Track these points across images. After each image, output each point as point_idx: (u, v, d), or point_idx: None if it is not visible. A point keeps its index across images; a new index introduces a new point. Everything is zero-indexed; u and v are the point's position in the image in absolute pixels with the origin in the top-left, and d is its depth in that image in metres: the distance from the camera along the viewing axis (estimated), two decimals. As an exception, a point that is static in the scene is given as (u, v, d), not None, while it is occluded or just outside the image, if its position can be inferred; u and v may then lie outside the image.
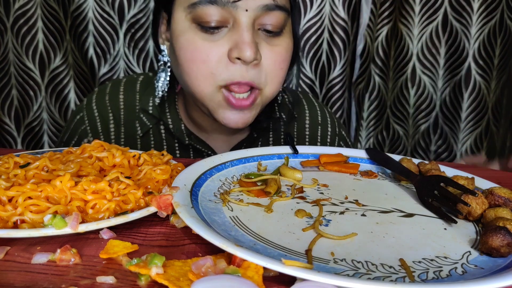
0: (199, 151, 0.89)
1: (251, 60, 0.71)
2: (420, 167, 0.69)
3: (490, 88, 1.41)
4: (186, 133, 0.88)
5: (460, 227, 0.53)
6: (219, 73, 0.73)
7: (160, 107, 0.88)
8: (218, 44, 0.73)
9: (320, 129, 0.98)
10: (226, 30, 0.73)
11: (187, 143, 0.88)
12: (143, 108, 0.88)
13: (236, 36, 0.72)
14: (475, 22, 1.37)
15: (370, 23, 1.39)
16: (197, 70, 0.74)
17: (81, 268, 0.41)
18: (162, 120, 0.88)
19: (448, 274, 0.42)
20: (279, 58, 0.76)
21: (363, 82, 1.45)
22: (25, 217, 0.46)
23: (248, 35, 0.71)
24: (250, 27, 0.72)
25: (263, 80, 0.76)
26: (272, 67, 0.76)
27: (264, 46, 0.75)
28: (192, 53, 0.73)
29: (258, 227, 0.49)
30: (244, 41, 0.71)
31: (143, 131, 0.88)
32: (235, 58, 0.72)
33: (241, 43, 0.71)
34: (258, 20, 0.73)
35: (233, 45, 0.72)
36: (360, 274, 0.41)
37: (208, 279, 0.37)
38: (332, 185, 0.63)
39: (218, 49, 0.73)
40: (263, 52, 0.75)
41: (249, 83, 0.73)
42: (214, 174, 0.61)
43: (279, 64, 0.77)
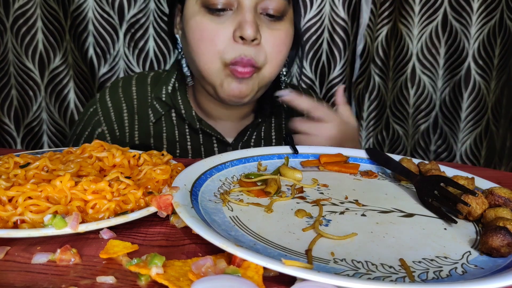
0: (208, 135, 0.95)
1: (252, 38, 0.78)
2: (420, 167, 0.69)
3: (489, 88, 1.41)
4: (196, 118, 0.94)
5: (460, 227, 0.53)
6: (224, 52, 0.80)
7: (172, 95, 0.95)
8: (224, 26, 0.80)
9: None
10: (231, 13, 0.81)
11: (198, 127, 0.94)
12: (157, 96, 0.95)
13: (240, 17, 0.80)
14: (475, 22, 1.37)
15: (370, 23, 1.39)
16: (204, 48, 0.81)
17: (81, 268, 0.41)
18: (175, 106, 0.94)
19: (448, 274, 0.42)
20: (278, 40, 0.84)
21: (363, 82, 1.45)
22: (25, 217, 0.46)
23: (250, 16, 0.79)
24: (252, 9, 0.80)
25: (262, 59, 0.83)
26: (272, 48, 0.83)
27: (265, 29, 0.82)
28: (201, 33, 0.81)
29: (258, 227, 0.49)
30: (246, 20, 0.79)
31: (155, 118, 0.95)
32: (238, 37, 0.79)
33: (243, 23, 0.79)
34: (260, 4, 0.81)
35: (237, 25, 0.80)
36: (360, 274, 0.41)
37: (208, 279, 0.37)
38: (332, 185, 0.63)
39: (224, 30, 0.80)
40: (263, 34, 0.82)
41: (250, 61, 0.80)
42: (214, 174, 0.61)
43: (278, 46, 0.84)
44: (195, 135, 0.95)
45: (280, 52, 0.85)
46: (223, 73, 0.82)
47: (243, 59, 0.80)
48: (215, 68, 0.82)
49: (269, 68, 0.84)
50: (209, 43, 0.81)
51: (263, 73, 0.84)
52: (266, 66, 0.84)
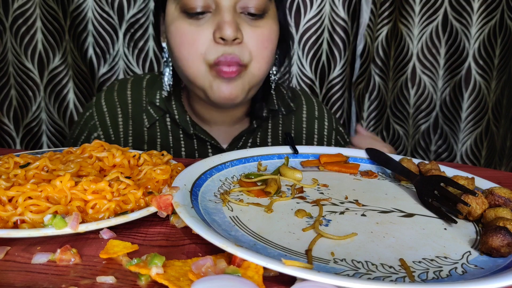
0: (202, 141, 0.94)
1: (232, 37, 0.78)
2: (420, 167, 0.69)
3: (490, 88, 1.41)
4: (191, 123, 0.93)
5: (460, 227, 0.53)
6: (206, 53, 0.80)
7: (166, 100, 0.94)
8: (203, 28, 0.80)
9: (317, 123, 1.03)
10: (210, 15, 0.80)
11: (192, 132, 0.93)
12: (151, 101, 0.94)
13: (218, 18, 0.79)
14: (475, 22, 1.37)
15: (370, 23, 1.39)
16: (187, 53, 0.81)
17: (81, 268, 0.41)
18: (169, 112, 0.94)
19: (448, 274, 0.42)
20: (261, 37, 0.82)
21: (363, 82, 1.45)
22: (25, 217, 0.46)
23: (228, 15, 0.79)
24: (231, 9, 0.79)
25: (247, 57, 0.81)
26: (255, 45, 0.82)
27: (246, 28, 0.81)
28: (181, 37, 0.81)
29: (258, 227, 0.49)
30: (224, 21, 0.78)
31: (150, 123, 0.94)
32: (219, 38, 0.78)
33: (222, 23, 0.78)
34: (238, 3, 0.80)
35: (216, 27, 0.79)
36: (360, 274, 0.41)
37: (208, 279, 0.37)
38: (332, 185, 0.63)
39: (203, 32, 0.80)
40: (245, 33, 0.81)
41: (234, 58, 0.79)
42: (214, 174, 0.61)
43: (262, 43, 0.83)
44: (189, 141, 0.95)
45: (266, 48, 0.83)
46: (210, 75, 0.81)
47: (227, 57, 0.79)
48: (201, 71, 0.81)
49: (256, 64, 0.83)
50: (190, 46, 0.80)
51: (251, 71, 0.83)
52: (253, 63, 0.82)
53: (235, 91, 0.82)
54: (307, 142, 1.01)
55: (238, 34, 0.79)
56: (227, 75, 0.80)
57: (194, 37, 0.80)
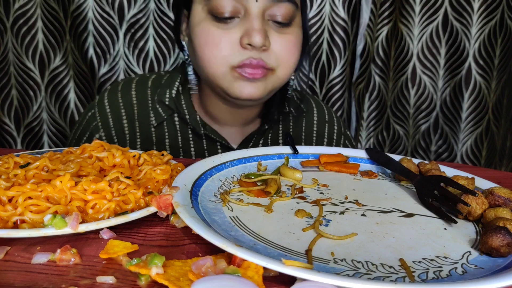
0: (212, 141, 0.94)
1: (260, 45, 0.78)
2: (420, 167, 0.69)
3: (490, 88, 1.41)
4: (201, 123, 0.93)
5: (460, 227, 0.53)
6: (231, 57, 0.80)
7: (176, 99, 0.93)
8: (231, 32, 0.80)
9: (327, 126, 1.03)
10: (238, 20, 0.80)
11: (202, 132, 0.92)
12: (160, 100, 0.94)
13: (247, 24, 0.79)
14: (476, 22, 1.37)
15: (370, 23, 1.39)
16: (209, 53, 0.81)
17: (81, 268, 0.41)
18: (179, 111, 0.93)
19: (448, 274, 0.42)
20: (289, 44, 0.83)
21: (363, 82, 1.45)
22: (25, 217, 0.46)
23: (258, 23, 0.79)
24: (260, 16, 0.79)
25: (274, 62, 0.82)
26: (283, 51, 0.82)
27: (274, 35, 0.81)
28: (206, 38, 0.81)
29: (258, 227, 0.49)
30: (253, 28, 0.78)
31: (157, 121, 0.93)
32: (246, 44, 0.78)
33: (251, 30, 0.78)
34: (267, 11, 0.80)
35: (244, 32, 0.79)
36: (360, 274, 0.41)
37: (208, 279, 0.37)
38: (332, 185, 0.63)
39: (230, 36, 0.79)
40: (273, 40, 0.81)
41: (260, 63, 0.80)
42: (214, 174, 0.61)
43: (289, 49, 0.83)
44: (198, 140, 0.94)
45: (293, 55, 0.84)
46: (231, 76, 0.81)
47: (252, 61, 0.79)
48: (222, 72, 0.81)
49: (283, 70, 0.83)
50: (215, 47, 0.80)
51: (277, 75, 0.83)
52: (280, 68, 0.83)
53: (258, 90, 0.82)
54: (317, 145, 1.01)
55: (266, 41, 0.79)
56: (251, 75, 0.80)
57: (219, 39, 0.79)
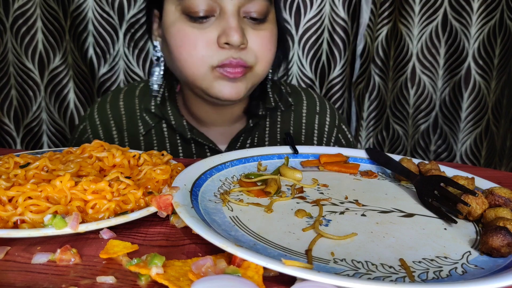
0: (200, 145, 0.93)
1: (238, 43, 0.77)
2: (420, 167, 0.69)
3: (490, 88, 1.41)
4: (188, 127, 0.92)
5: (460, 227, 0.53)
6: (209, 57, 0.79)
7: (162, 106, 0.93)
8: (207, 31, 0.79)
9: (318, 118, 1.01)
10: (214, 19, 0.79)
11: (189, 137, 0.92)
12: (146, 108, 0.93)
13: (223, 23, 0.78)
14: (475, 22, 1.37)
15: (370, 23, 1.39)
16: (187, 54, 0.80)
17: (81, 268, 0.41)
18: (165, 117, 0.92)
19: (448, 274, 0.42)
20: (265, 40, 0.83)
21: (363, 82, 1.45)
22: (25, 217, 0.46)
23: (234, 21, 0.78)
24: (236, 14, 0.79)
25: (252, 59, 0.82)
26: (260, 48, 0.82)
27: (250, 32, 0.81)
28: (182, 39, 0.80)
29: (258, 227, 0.49)
30: (230, 26, 0.77)
31: (145, 130, 0.93)
32: (224, 43, 0.78)
33: (228, 29, 0.77)
34: (243, 8, 0.80)
35: (221, 31, 0.78)
36: (360, 274, 0.41)
37: (208, 279, 0.37)
38: (332, 185, 0.63)
39: (206, 36, 0.79)
40: (249, 37, 0.81)
41: (240, 62, 0.79)
42: (214, 174, 0.61)
43: (266, 45, 0.83)
44: (187, 146, 0.93)
45: (269, 50, 0.84)
46: (211, 76, 0.80)
47: (232, 61, 0.78)
48: (201, 72, 0.80)
49: (261, 66, 0.84)
50: (192, 48, 0.79)
51: (256, 72, 0.84)
52: (258, 64, 0.83)
53: (238, 90, 0.82)
54: (306, 138, 0.99)
55: (244, 40, 0.78)
56: (232, 75, 0.80)
57: (196, 39, 0.78)
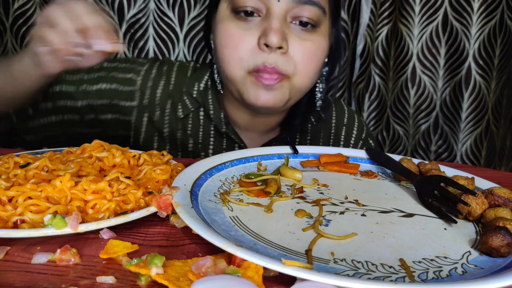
0: (232, 141, 0.93)
1: (276, 45, 0.75)
2: (420, 167, 0.69)
3: (490, 88, 1.41)
4: (224, 121, 0.91)
5: (460, 227, 0.53)
6: (247, 59, 0.78)
7: (204, 93, 0.91)
8: (250, 33, 0.78)
9: (345, 130, 1.01)
10: (259, 20, 0.78)
11: (223, 131, 0.91)
12: (188, 91, 0.91)
13: (266, 24, 0.77)
14: (475, 22, 1.37)
15: (370, 23, 1.39)
16: (229, 55, 0.79)
17: (81, 268, 0.41)
18: (204, 105, 0.91)
19: (448, 274, 0.42)
20: (308, 51, 0.79)
21: (363, 82, 1.45)
22: (25, 217, 0.46)
23: (276, 23, 0.76)
24: (280, 17, 0.77)
25: (291, 69, 0.78)
26: (301, 58, 0.79)
27: (294, 39, 0.78)
28: (226, 39, 0.79)
29: (258, 227, 0.49)
30: (271, 27, 0.75)
31: (184, 114, 0.92)
32: (263, 44, 0.76)
33: (268, 30, 0.75)
34: (290, 13, 0.77)
35: (262, 32, 0.77)
36: (360, 274, 0.41)
37: (208, 279, 0.37)
38: (332, 185, 0.63)
39: (249, 37, 0.78)
40: (292, 44, 0.78)
41: (275, 68, 0.77)
42: (214, 174, 0.61)
43: (308, 57, 0.80)
44: (219, 138, 0.93)
45: (311, 64, 0.81)
46: (248, 80, 0.79)
47: (267, 67, 0.76)
48: (239, 75, 0.79)
49: (299, 79, 0.80)
50: (233, 49, 0.78)
51: (293, 83, 0.80)
52: (296, 76, 0.80)
53: (273, 98, 0.79)
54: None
55: (283, 43, 0.76)
56: (267, 81, 0.77)
57: (238, 40, 0.78)
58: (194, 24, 1.36)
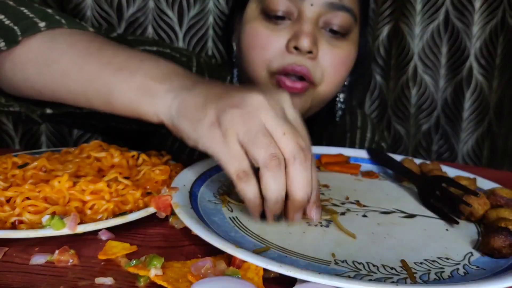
0: None
1: (307, 49, 0.72)
2: (422, 167, 0.69)
3: (491, 88, 1.41)
4: None
5: (462, 228, 0.53)
6: (274, 61, 0.75)
7: None
8: (279, 34, 0.75)
9: (359, 133, 1.00)
10: (289, 23, 0.75)
11: None
12: None
13: (297, 27, 0.74)
14: (477, 21, 1.37)
15: (370, 22, 1.39)
16: (255, 56, 0.76)
17: (79, 269, 0.41)
18: None
19: (449, 275, 0.42)
20: (337, 59, 0.77)
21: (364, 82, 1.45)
22: (23, 217, 0.46)
23: (308, 27, 0.73)
24: (312, 21, 0.74)
25: (318, 75, 0.76)
26: (330, 65, 0.76)
27: (324, 46, 0.76)
28: (254, 39, 0.76)
29: (258, 228, 0.48)
30: (303, 31, 0.73)
31: None
32: (293, 47, 0.73)
33: (300, 33, 0.73)
34: (322, 18, 0.75)
35: (293, 35, 0.74)
36: (361, 275, 0.40)
37: (207, 280, 0.37)
38: (332, 186, 0.63)
39: (278, 38, 0.75)
40: (322, 50, 0.75)
41: (304, 70, 0.74)
42: (214, 174, 0.61)
43: (336, 65, 0.77)
44: None
45: (339, 72, 0.78)
46: (269, 82, 0.76)
47: (295, 67, 0.73)
48: (261, 76, 0.76)
49: (325, 87, 0.77)
50: (260, 50, 0.76)
51: (318, 92, 0.77)
52: (323, 84, 0.77)
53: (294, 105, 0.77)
54: None
55: (314, 48, 0.73)
56: (291, 88, 0.74)
57: (266, 40, 0.75)
58: (194, 23, 1.36)
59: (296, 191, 0.45)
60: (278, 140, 0.45)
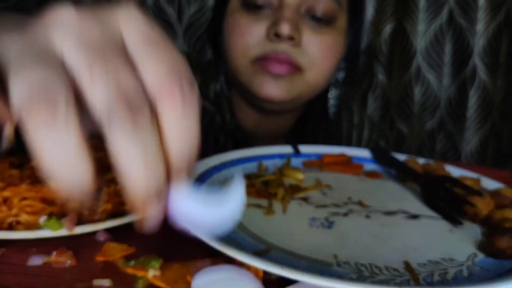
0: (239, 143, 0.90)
1: (287, 34, 0.71)
2: (425, 167, 0.68)
3: (495, 86, 1.40)
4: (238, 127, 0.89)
5: (466, 228, 0.52)
6: (253, 47, 0.74)
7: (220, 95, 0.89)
8: (259, 23, 0.75)
9: (356, 131, 0.99)
10: (271, 12, 0.75)
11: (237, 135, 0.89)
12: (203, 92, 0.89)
13: (277, 14, 0.73)
14: (480, 18, 1.36)
15: (373, 19, 1.38)
16: (235, 44, 0.77)
17: (77, 271, 0.40)
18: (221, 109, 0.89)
19: (453, 276, 0.41)
20: (324, 45, 0.75)
21: (366, 80, 1.44)
22: (20, 218, 0.45)
23: (288, 12, 0.72)
24: (293, 8, 0.73)
25: (305, 61, 0.74)
26: (316, 51, 0.75)
27: (308, 33, 0.74)
28: (234, 29, 0.77)
29: (258, 229, 0.48)
30: (283, 17, 0.72)
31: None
32: (273, 34, 0.72)
33: (279, 19, 0.72)
34: (304, 4, 0.74)
35: (272, 22, 0.73)
36: (364, 277, 0.40)
37: (207, 271, 0.37)
38: (335, 186, 0.62)
39: (257, 27, 0.74)
40: (307, 36, 0.74)
41: (286, 57, 0.72)
42: (213, 175, 0.60)
43: (323, 51, 0.76)
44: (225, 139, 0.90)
45: (327, 58, 0.76)
46: (251, 70, 0.75)
47: (277, 54, 0.72)
48: (242, 65, 0.76)
49: (313, 74, 0.76)
50: (239, 38, 0.75)
51: (305, 78, 0.76)
52: (311, 70, 0.75)
53: (280, 89, 0.75)
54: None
55: (295, 34, 0.71)
56: (276, 69, 0.73)
57: (246, 29, 0.75)
58: (194, 20, 1.36)
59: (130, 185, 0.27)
60: (83, 84, 0.26)
